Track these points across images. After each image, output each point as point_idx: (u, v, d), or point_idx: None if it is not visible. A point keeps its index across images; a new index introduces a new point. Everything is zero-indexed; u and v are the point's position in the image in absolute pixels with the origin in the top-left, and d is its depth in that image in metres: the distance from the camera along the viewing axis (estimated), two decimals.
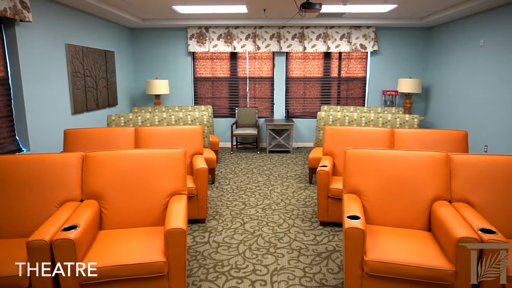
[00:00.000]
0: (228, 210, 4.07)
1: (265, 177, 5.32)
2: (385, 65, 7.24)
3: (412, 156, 2.70)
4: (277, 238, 3.37)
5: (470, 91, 5.70)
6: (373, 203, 2.66)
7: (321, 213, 3.57)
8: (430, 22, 6.42)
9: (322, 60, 7.34)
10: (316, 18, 6.54)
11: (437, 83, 6.81)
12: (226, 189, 4.80)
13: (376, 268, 2.15)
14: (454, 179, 2.62)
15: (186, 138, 4.18)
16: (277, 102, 7.42)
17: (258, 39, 7.06)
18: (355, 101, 7.48)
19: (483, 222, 2.22)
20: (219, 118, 7.50)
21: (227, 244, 3.26)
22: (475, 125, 5.54)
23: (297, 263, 2.93)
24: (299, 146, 7.48)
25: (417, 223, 2.59)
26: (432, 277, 2.09)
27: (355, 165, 2.74)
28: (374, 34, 6.98)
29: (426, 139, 3.90)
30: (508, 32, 4.83)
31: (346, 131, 4.08)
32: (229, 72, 7.42)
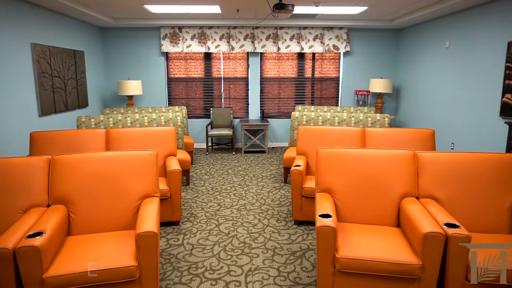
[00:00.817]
0: (203, 211, 4.04)
1: (241, 178, 5.32)
2: (357, 66, 7.40)
3: (381, 154, 2.77)
4: (252, 238, 3.38)
5: (437, 91, 5.91)
6: (345, 201, 2.71)
7: (295, 212, 3.61)
8: (399, 24, 6.61)
9: (296, 61, 7.41)
10: (290, 19, 6.59)
11: (406, 83, 7.01)
12: (201, 190, 4.76)
13: (347, 265, 2.19)
14: (421, 176, 2.70)
15: (159, 139, 4.12)
16: (252, 102, 7.43)
17: (232, 39, 7.04)
18: (328, 101, 7.59)
19: (448, 217, 2.30)
20: (193, 119, 7.44)
21: (201, 246, 3.24)
22: (442, 123, 5.74)
23: (271, 262, 2.95)
24: (274, 146, 7.53)
25: (387, 220, 2.66)
26: (401, 271, 2.15)
27: (327, 164, 2.78)
28: (346, 35, 7.12)
29: (396, 137, 4.01)
30: (471, 34, 5.04)
31: (319, 131, 4.14)
32: (203, 73, 7.37)
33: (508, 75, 4.32)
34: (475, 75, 4.96)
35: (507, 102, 4.33)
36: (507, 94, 4.33)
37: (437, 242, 2.11)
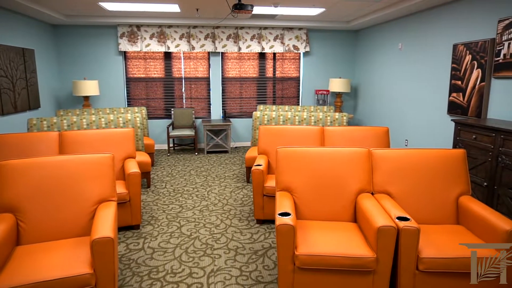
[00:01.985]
0: (164, 214, 3.97)
1: (203, 178, 5.28)
2: (317, 66, 7.57)
3: (338, 152, 2.86)
4: (214, 239, 3.37)
5: (392, 90, 6.18)
6: (304, 199, 2.77)
7: (257, 211, 3.64)
8: (356, 25, 6.84)
9: (257, 61, 7.46)
10: (250, 19, 6.62)
11: (364, 83, 7.28)
12: (162, 192, 4.68)
13: (306, 261, 2.25)
14: (375, 172, 2.82)
15: (116, 141, 3.99)
16: (214, 102, 7.39)
17: (193, 39, 6.97)
18: (290, 101, 7.71)
19: (399, 211, 2.42)
20: (154, 120, 7.28)
21: (162, 249, 3.18)
22: (397, 121, 6.02)
23: (233, 262, 2.95)
24: (237, 146, 7.54)
25: (344, 216, 2.75)
26: (357, 265, 2.23)
27: (286, 163, 2.83)
28: (306, 35, 7.26)
29: (353, 135, 4.15)
30: (421, 36, 5.32)
31: (280, 130, 4.20)
32: (163, 72, 7.24)
33: (453, 75, 4.61)
34: (426, 75, 5.24)
35: (454, 101, 4.61)
36: (453, 93, 4.61)
37: (389, 235, 2.21)
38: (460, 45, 4.46)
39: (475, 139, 3.64)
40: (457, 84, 4.55)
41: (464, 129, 3.81)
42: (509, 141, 3.23)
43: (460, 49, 4.46)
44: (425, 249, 2.27)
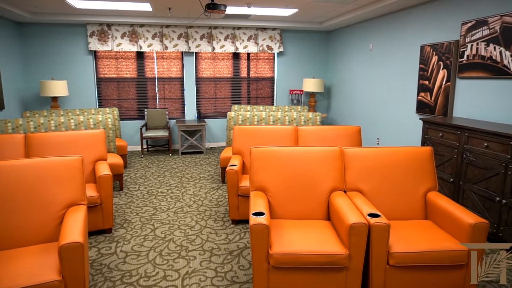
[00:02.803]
0: (138, 216, 3.89)
1: (178, 180, 5.22)
2: (291, 66, 7.64)
3: (311, 151, 2.89)
4: (189, 240, 3.33)
5: (364, 90, 6.33)
6: (278, 199, 2.79)
7: (232, 211, 3.63)
8: (328, 26, 6.95)
9: (231, 61, 7.44)
10: (223, 19, 6.60)
11: (337, 83, 7.41)
12: (136, 194, 4.58)
13: (280, 260, 2.26)
14: (348, 170, 2.88)
15: (86, 143, 3.88)
16: (188, 102, 7.32)
17: (166, 38, 6.87)
18: (264, 100, 7.75)
19: (371, 208, 2.48)
20: (127, 121, 7.12)
21: (136, 252, 3.12)
22: (369, 120, 6.16)
23: (209, 264, 2.94)
24: (212, 146, 7.49)
25: (318, 214, 2.79)
26: (330, 262, 2.27)
27: (260, 163, 2.84)
28: (280, 36, 7.31)
29: (326, 135, 4.22)
30: (391, 37, 5.47)
31: (254, 130, 4.21)
32: (136, 72, 7.09)
33: (421, 75, 4.77)
34: (395, 75, 5.40)
35: (422, 100, 4.77)
36: (422, 92, 4.77)
37: (361, 231, 2.26)
38: (427, 46, 4.62)
39: (442, 137, 3.78)
40: (424, 84, 4.71)
41: (432, 127, 3.95)
42: (473, 138, 3.38)
43: (427, 50, 4.62)
44: (395, 244, 2.34)
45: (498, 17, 3.58)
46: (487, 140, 3.20)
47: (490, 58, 3.69)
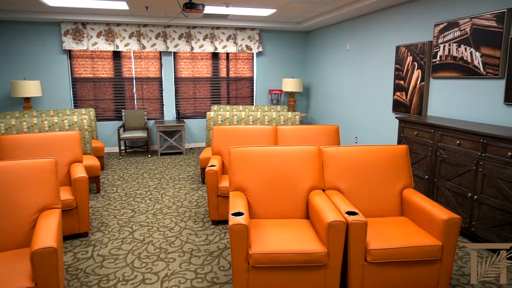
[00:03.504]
0: (116, 219, 3.81)
1: (157, 181, 5.15)
2: (270, 66, 7.67)
3: (290, 151, 2.91)
4: (168, 242, 3.29)
5: (342, 89, 6.42)
6: (257, 198, 2.79)
7: (212, 212, 3.61)
8: (307, 26, 7.01)
9: (210, 60, 7.40)
10: (202, 18, 6.56)
11: (315, 82, 7.48)
12: (113, 197, 4.49)
13: (260, 260, 2.26)
14: (326, 169, 2.91)
15: (61, 145, 3.78)
16: (166, 103, 7.23)
17: (143, 38, 6.76)
18: (244, 100, 7.74)
19: (348, 206, 2.52)
20: (103, 122, 6.97)
21: (113, 256, 3.06)
22: (347, 119, 6.26)
23: (188, 265, 2.91)
24: (192, 147, 7.43)
25: (297, 213, 2.81)
26: (309, 260, 2.29)
27: (239, 163, 2.83)
28: (259, 36, 7.33)
29: (305, 134, 4.25)
30: (367, 37, 5.57)
31: (233, 130, 4.20)
32: (113, 72, 6.95)
33: (397, 75, 4.88)
34: (372, 75, 5.50)
35: (398, 99, 4.88)
36: (397, 92, 4.88)
37: (339, 229, 2.29)
38: (402, 47, 4.73)
39: (417, 135, 3.88)
40: (400, 83, 4.82)
41: (407, 126, 4.04)
42: (446, 136, 3.48)
43: (402, 51, 4.73)
44: (372, 241, 2.38)
45: (468, 19, 3.70)
46: (459, 138, 3.31)
47: (462, 58, 3.81)
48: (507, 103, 3.36)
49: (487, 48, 3.51)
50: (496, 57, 3.42)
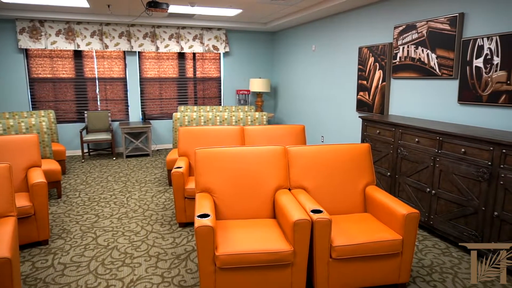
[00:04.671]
0: (78, 225, 3.67)
1: (122, 184, 5.01)
2: (237, 66, 7.67)
3: (255, 151, 2.92)
4: (134, 247, 3.21)
5: (308, 89, 6.52)
6: (224, 199, 2.78)
7: (179, 214, 3.56)
8: (273, 27, 7.07)
9: (176, 60, 7.30)
10: (167, 18, 6.45)
11: (282, 82, 7.56)
12: (76, 202, 4.33)
13: (226, 261, 2.26)
14: (292, 168, 2.95)
15: (17, 149, 3.59)
16: (132, 104, 7.05)
17: (106, 37, 6.56)
18: (211, 101, 7.69)
19: (313, 204, 2.56)
20: (65, 124, 6.70)
21: (75, 263, 2.94)
22: (313, 118, 6.37)
23: (155, 269, 2.85)
24: (159, 149, 7.30)
25: (264, 213, 2.83)
26: (276, 259, 2.31)
27: (204, 164, 2.81)
28: (225, 36, 7.30)
29: (272, 134, 4.29)
30: (332, 38, 5.70)
31: (200, 131, 4.16)
32: (74, 72, 6.69)
33: (360, 75, 5.02)
34: (337, 75, 5.63)
35: (361, 99, 5.03)
36: (361, 92, 5.02)
37: (304, 228, 2.32)
38: (365, 48, 4.87)
39: (379, 133, 4.01)
40: (363, 83, 4.96)
41: (370, 125, 4.17)
42: (405, 134, 3.62)
43: (365, 52, 4.87)
44: (337, 238, 2.43)
45: (424, 22, 3.87)
46: (418, 136, 3.45)
47: (419, 60, 3.98)
48: (461, 102, 3.54)
49: (442, 50, 3.68)
50: (450, 59, 3.60)
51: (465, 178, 2.98)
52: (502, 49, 3.10)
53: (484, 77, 3.28)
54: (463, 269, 2.83)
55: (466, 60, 3.43)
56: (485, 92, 3.28)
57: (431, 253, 3.10)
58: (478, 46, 3.30)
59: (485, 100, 3.28)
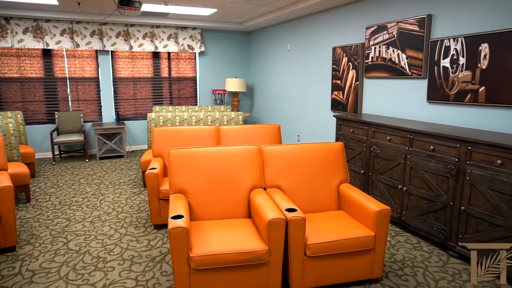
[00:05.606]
0: (48, 230, 3.55)
1: (95, 187, 4.88)
2: (213, 66, 7.62)
3: (230, 151, 2.91)
4: (107, 251, 3.14)
5: (284, 89, 6.56)
6: (199, 200, 2.76)
7: (154, 216, 3.51)
8: (249, 27, 7.07)
9: (151, 60, 7.18)
10: (141, 16, 6.33)
11: (258, 82, 7.58)
12: (46, 206, 4.18)
13: (201, 262, 2.24)
14: (266, 168, 2.96)
15: None
16: (105, 104, 6.89)
17: (77, 35, 6.37)
18: (187, 101, 7.62)
19: (288, 203, 2.58)
20: (34, 125, 6.47)
21: (45, 270, 2.84)
22: (289, 118, 6.42)
23: (129, 273, 2.79)
24: (134, 150, 7.16)
25: (239, 213, 2.82)
26: (251, 259, 2.31)
27: (178, 165, 2.78)
28: (200, 35, 7.25)
29: (248, 133, 4.29)
30: (306, 38, 5.75)
31: (174, 132, 4.11)
32: (43, 72, 6.47)
33: (334, 75, 5.09)
34: (312, 75, 5.69)
35: (335, 98, 5.10)
36: (335, 91, 5.10)
37: (279, 226, 2.34)
38: (338, 48, 4.95)
39: (353, 132, 4.08)
40: (337, 83, 5.04)
41: (344, 124, 4.24)
42: (378, 133, 3.70)
43: (338, 52, 4.95)
44: (311, 236, 2.46)
45: (395, 23, 3.97)
46: (390, 134, 3.54)
47: (390, 60, 4.08)
48: (430, 101, 3.66)
49: (411, 50, 3.79)
50: (419, 59, 3.70)
51: (434, 175, 3.08)
52: (467, 50, 3.22)
53: (451, 76, 3.40)
54: (433, 262, 2.93)
55: (434, 60, 3.55)
56: (452, 91, 3.40)
57: (403, 248, 3.18)
58: (445, 46, 3.42)
59: (452, 99, 3.40)
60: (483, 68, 3.10)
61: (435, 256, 3.03)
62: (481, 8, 3.14)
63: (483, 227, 2.71)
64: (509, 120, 2.98)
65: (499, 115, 3.06)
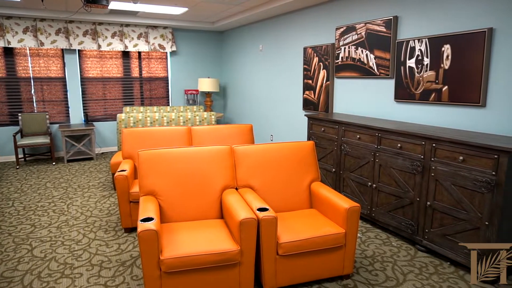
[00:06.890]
0: (11, 237, 3.39)
1: (62, 191, 4.71)
2: (185, 65, 7.53)
3: (202, 151, 2.88)
4: (75, 257, 3.03)
5: (257, 89, 6.58)
6: (170, 202, 2.71)
7: (124, 219, 3.42)
8: (221, 26, 7.03)
9: (121, 60, 7.01)
10: (109, 14, 6.17)
11: (231, 82, 7.55)
12: (9, 212, 4.00)
13: (172, 265, 2.20)
14: (238, 168, 2.95)
15: None
16: (72, 105, 6.66)
17: (41, 33, 6.13)
18: (159, 101, 7.49)
19: (260, 202, 2.58)
20: None
21: (6, 279, 2.71)
22: (262, 117, 6.43)
23: (98, 279, 2.71)
24: (104, 151, 6.97)
25: (211, 213, 2.80)
26: (223, 259, 2.29)
27: (148, 166, 2.72)
28: (172, 35, 7.14)
29: (220, 134, 4.26)
30: (278, 38, 5.79)
31: (145, 133, 4.03)
32: (5, 71, 6.17)
33: (305, 75, 5.15)
34: (284, 74, 5.73)
35: (307, 98, 5.16)
36: (306, 91, 5.16)
37: (250, 226, 2.33)
38: (309, 48, 5.01)
39: (324, 131, 4.14)
40: (309, 83, 5.10)
41: (315, 123, 4.29)
42: (348, 131, 3.77)
43: (309, 52, 5.01)
44: (283, 235, 2.47)
45: (363, 24, 4.06)
46: (359, 132, 3.61)
47: (359, 60, 4.17)
48: (397, 100, 3.76)
49: (379, 51, 3.89)
50: (386, 59, 3.80)
51: (402, 172, 3.17)
52: (430, 50, 3.34)
53: (416, 76, 3.51)
54: (401, 257, 3.01)
55: (401, 61, 3.65)
56: (418, 90, 3.51)
57: (373, 244, 3.26)
58: (411, 47, 3.53)
59: (418, 98, 3.52)
60: (445, 68, 3.23)
61: (404, 250, 3.13)
62: (444, 10, 3.26)
63: (447, 221, 2.82)
64: (470, 118, 3.12)
65: (461, 113, 3.19)
